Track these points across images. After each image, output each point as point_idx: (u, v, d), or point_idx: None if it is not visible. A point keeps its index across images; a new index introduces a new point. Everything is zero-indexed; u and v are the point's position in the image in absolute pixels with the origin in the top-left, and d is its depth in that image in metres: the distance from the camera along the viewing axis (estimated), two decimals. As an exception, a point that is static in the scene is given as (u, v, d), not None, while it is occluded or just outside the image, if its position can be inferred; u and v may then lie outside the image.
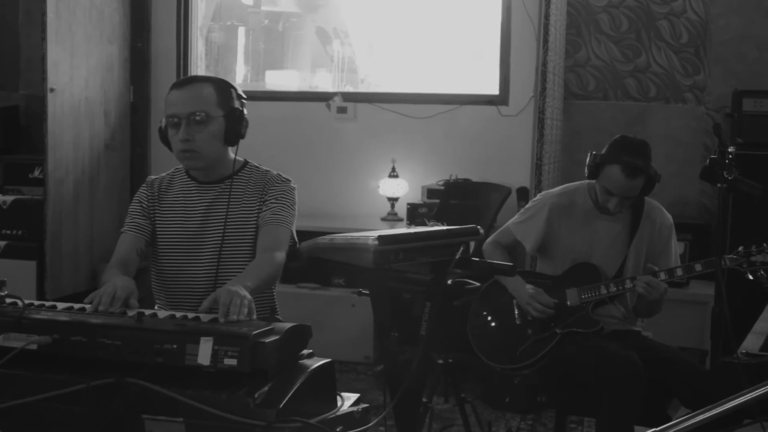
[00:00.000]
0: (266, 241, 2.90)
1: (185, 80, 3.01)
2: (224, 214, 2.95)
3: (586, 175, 3.75)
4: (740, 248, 3.57)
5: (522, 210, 3.97)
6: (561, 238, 3.80)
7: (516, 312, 3.74)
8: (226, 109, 2.95)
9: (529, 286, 3.72)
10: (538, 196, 4.03)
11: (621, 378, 3.30)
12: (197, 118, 2.90)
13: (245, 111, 3.01)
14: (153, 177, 3.12)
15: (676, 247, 3.83)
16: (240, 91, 3.04)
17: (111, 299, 2.38)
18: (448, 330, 3.52)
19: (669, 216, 3.84)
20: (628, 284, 3.63)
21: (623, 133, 3.86)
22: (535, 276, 3.85)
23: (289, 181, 3.05)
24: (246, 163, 3.08)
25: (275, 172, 3.06)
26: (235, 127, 2.96)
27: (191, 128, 2.90)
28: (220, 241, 2.93)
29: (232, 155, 3.04)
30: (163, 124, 2.99)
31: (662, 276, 3.58)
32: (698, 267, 3.57)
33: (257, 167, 3.07)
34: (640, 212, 3.79)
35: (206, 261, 2.95)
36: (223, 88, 2.98)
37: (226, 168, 3.02)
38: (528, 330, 3.69)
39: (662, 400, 3.54)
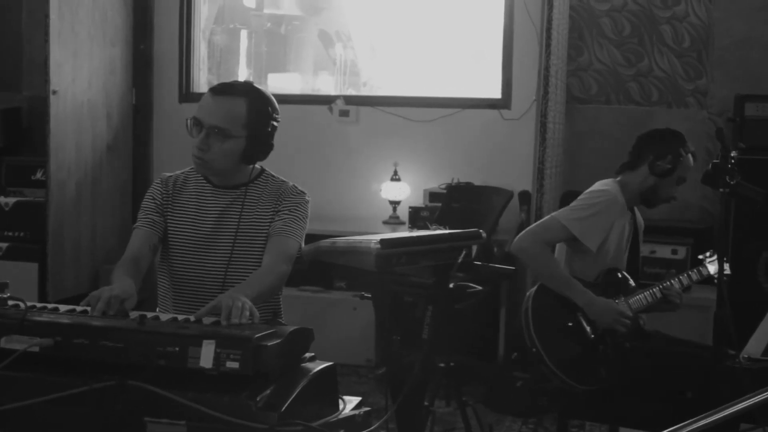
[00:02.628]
0: (273, 252, 2.88)
1: (224, 87, 2.94)
2: (237, 220, 2.95)
3: (657, 173, 3.66)
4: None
5: (580, 205, 3.67)
6: (611, 238, 3.70)
7: (587, 326, 3.50)
8: (252, 130, 2.91)
9: (608, 300, 3.53)
10: (599, 190, 3.73)
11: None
12: (216, 131, 2.87)
13: (274, 132, 2.98)
14: (168, 174, 3.09)
15: None
16: (275, 105, 3.00)
17: (106, 305, 2.37)
18: (451, 333, 3.52)
19: None
20: (658, 294, 3.63)
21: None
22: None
23: (304, 193, 3.03)
24: (263, 170, 3.06)
25: (291, 184, 3.04)
26: (255, 150, 2.93)
27: (209, 139, 2.87)
28: (230, 247, 2.93)
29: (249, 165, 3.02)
30: (189, 122, 2.94)
31: (677, 283, 3.63)
32: (707, 270, 3.64)
33: (273, 176, 3.05)
34: (633, 213, 3.82)
35: (216, 265, 2.94)
36: (257, 106, 2.93)
37: (243, 175, 3.00)
38: (599, 346, 3.49)
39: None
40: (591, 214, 3.60)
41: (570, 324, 3.49)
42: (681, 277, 3.74)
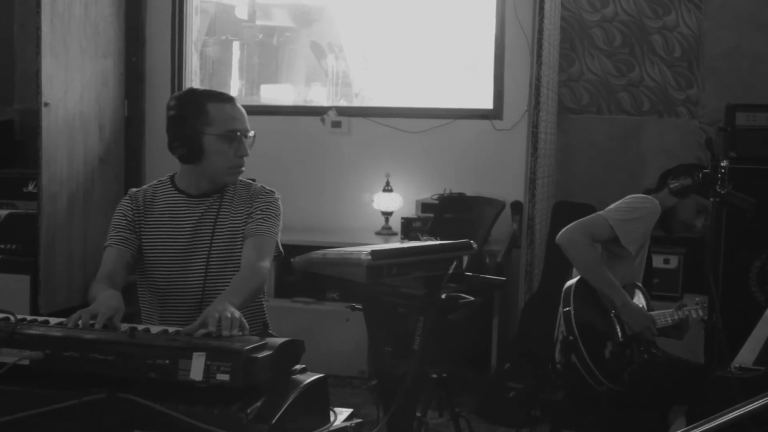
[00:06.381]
0: (251, 252, 2.88)
1: (228, 95, 3.01)
2: (212, 227, 2.95)
3: (675, 191, 3.69)
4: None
5: (625, 206, 3.69)
6: (645, 248, 3.75)
7: (618, 328, 3.52)
8: None
9: (642, 306, 3.58)
10: (642, 197, 3.75)
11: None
12: (251, 134, 2.97)
13: None
14: (135, 190, 3.09)
15: None
16: None
17: (89, 318, 2.37)
18: (443, 344, 3.51)
19: None
20: (677, 318, 3.67)
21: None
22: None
23: (273, 192, 3.05)
24: None
25: (259, 185, 3.06)
26: None
27: (246, 145, 2.95)
28: (207, 255, 2.93)
29: None
30: (208, 136, 2.91)
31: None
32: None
33: (241, 180, 3.06)
34: None
35: (195, 274, 2.94)
36: None
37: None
38: (626, 350, 3.51)
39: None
40: (635, 218, 3.64)
41: (603, 322, 3.52)
42: (685, 309, 3.76)
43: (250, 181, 3.07)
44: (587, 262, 3.56)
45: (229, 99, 2.98)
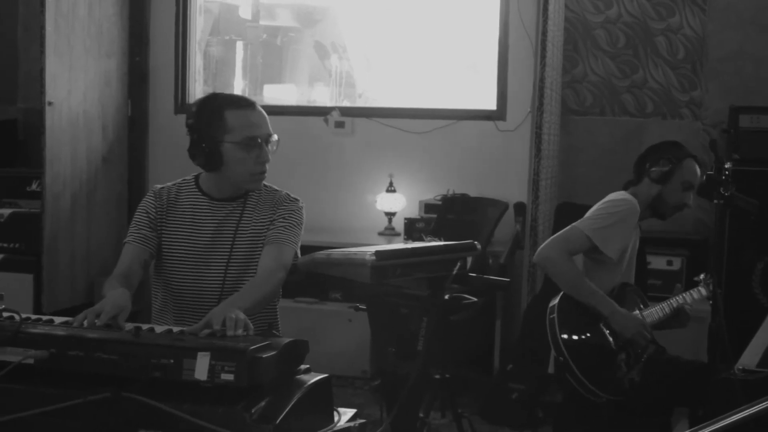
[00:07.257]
0: (268, 260, 2.87)
1: (248, 100, 2.98)
2: (234, 232, 2.94)
3: (656, 179, 3.68)
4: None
5: (600, 214, 3.65)
6: (629, 249, 3.72)
7: (609, 336, 3.48)
8: None
9: (635, 312, 3.55)
10: (618, 199, 3.71)
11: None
12: (274, 138, 2.94)
13: None
14: (159, 186, 3.05)
15: None
16: None
17: (94, 317, 2.37)
18: (446, 345, 3.51)
19: None
20: (671, 308, 3.66)
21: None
22: None
23: (298, 200, 3.03)
24: None
25: (284, 192, 3.04)
26: None
27: (266, 151, 2.92)
28: (227, 259, 2.93)
29: None
30: (227, 144, 2.87)
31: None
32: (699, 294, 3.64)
33: (265, 185, 3.04)
34: (639, 226, 3.82)
35: (213, 277, 2.93)
36: None
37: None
38: (622, 359, 3.48)
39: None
40: (612, 223, 3.59)
41: (593, 334, 3.48)
42: (684, 295, 3.74)
43: (276, 188, 3.05)
44: (566, 277, 3.52)
45: (248, 105, 2.92)
